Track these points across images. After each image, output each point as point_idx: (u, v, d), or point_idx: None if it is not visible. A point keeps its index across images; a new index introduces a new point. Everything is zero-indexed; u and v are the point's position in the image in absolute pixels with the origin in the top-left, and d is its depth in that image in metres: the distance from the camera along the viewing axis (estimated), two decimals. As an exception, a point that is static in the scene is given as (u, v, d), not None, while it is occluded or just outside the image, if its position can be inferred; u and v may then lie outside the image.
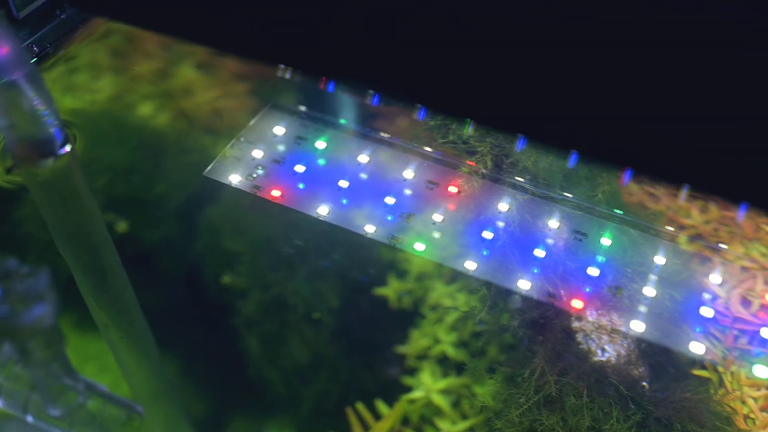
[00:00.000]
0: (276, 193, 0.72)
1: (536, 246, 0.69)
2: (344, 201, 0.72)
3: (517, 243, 0.69)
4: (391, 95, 0.68)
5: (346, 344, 0.94)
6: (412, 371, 0.91)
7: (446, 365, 0.88)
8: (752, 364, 0.84)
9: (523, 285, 0.68)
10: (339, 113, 0.77)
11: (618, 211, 0.72)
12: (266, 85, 0.86)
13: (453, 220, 0.70)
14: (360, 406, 0.89)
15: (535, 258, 0.68)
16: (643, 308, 0.69)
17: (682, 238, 0.79)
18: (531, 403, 0.76)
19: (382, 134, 0.75)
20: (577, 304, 0.67)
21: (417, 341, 0.90)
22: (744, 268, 0.90)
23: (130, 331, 0.69)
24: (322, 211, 0.71)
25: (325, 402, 0.90)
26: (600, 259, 0.71)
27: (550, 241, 0.70)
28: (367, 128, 0.76)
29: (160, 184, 0.85)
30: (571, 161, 0.68)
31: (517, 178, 0.75)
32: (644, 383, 0.81)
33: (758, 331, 0.85)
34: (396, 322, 0.90)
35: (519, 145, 0.69)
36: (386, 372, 0.90)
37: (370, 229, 0.70)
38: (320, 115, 0.77)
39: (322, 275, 0.90)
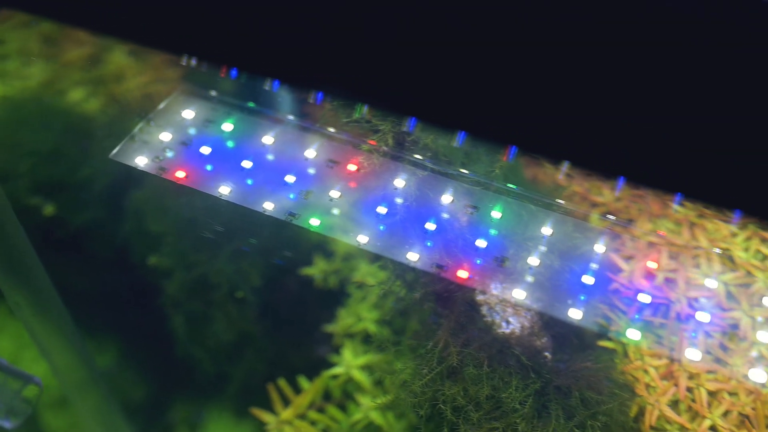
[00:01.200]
0: (181, 174, 0.75)
1: (429, 220, 0.72)
2: (249, 181, 0.75)
3: (412, 218, 0.72)
4: (290, 83, 0.71)
5: (274, 323, 0.97)
6: (339, 349, 0.95)
7: (370, 342, 0.92)
8: (654, 334, 0.87)
9: (413, 257, 0.71)
10: (248, 98, 0.80)
11: (512, 186, 0.74)
12: (198, 70, 0.89)
13: (350, 197, 0.73)
14: (282, 383, 0.92)
15: (427, 231, 0.71)
16: (531, 279, 0.72)
17: (577, 210, 0.82)
18: (434, 374, 0.79)
19: (288, 116, 0.78)
20: (462, 274, 0.69)
21: (343, 320, 0.93)
22: (650, 244, 0.93)
23: (44, 312, 0.72)
24: (224, 190, 0.74)
25: (253, 380, 0.94)
26: (492, 232, 0.73)
27: (445, 215, 0.73)
28: (274, 111, 0.79)
29: (85, 168, 0.89)
30: (460, 140, 0.70)
31: (417, 155, 0.78)
32: (546, 354, 0.84)
33: (660, 303, 0.88)
34: (323, 301, 0.94)
35: (410, 126, 0.72)
36: (313, 350, 0.94)
37: (269, 206, 0.73)
38: (230, 99, 0.80)
39: (245, 256, 0.93)
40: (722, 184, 0.54)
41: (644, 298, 0.86)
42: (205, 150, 0.76)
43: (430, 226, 0.71)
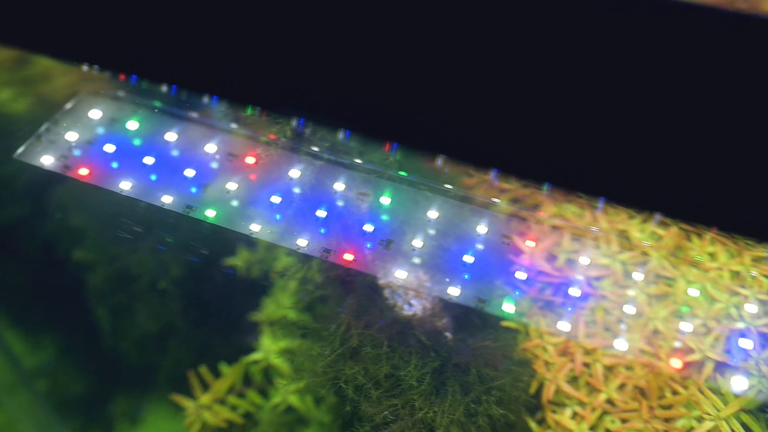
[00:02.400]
0: (84, 172, 0.79)
1: (322, 207, 0.76)
2: (153, 177, 0.78)
3: (306, 206, 0.76)
4: (188, 88, 0.75)
5: (199, 313, 1.01)
6: (263, 336, 0.98)
7: (291, 328, 0.96)
8: (554, 312, 0.91)
9: (303, 243, 0.75)
10: (154, 97, 0.83)
11: (403, 174, 0.78)
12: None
13: (247, 188, 0.77)
14: (203, 370, 0.96)
15: (318, 218, 0.75)
16: (418, 260, 0.76)
17: (480, 197, 0.86)
18: (335, 355, 0.83)
19: (192, 114, 0.82)
20: (348, 257, 0.73)
21: (266, 308, 0.97)
22: (554, 227, 0.97)
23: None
24: (126, 186, 0.78)
25: (180, 369, 0.97)
26: (384, 217, 0.78)
27: (340, 202, 0.77)
28: (179, 109, 0.83)
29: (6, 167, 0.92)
30: (346, 136, 0.74)
31: (314, 147, 0.82)
32: (447, 334, 0.88)
33: (560, 284, 0.92)
34: (248, 291, 0.97)
35: (299, 126, 0.76)
36: (238, 338, 0.98)
37: (167, 199, 0.77)
38: (136, 99, 0.84)
39: (168, 247, 0.96)
40: (617, 181, 0.58)
41: (544, 278, 0.91)
42: (110, 148, 0.80)
43: (322, 213, 0.75)
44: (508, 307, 0.74)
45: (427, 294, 0.80)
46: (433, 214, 0.76)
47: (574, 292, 0.90)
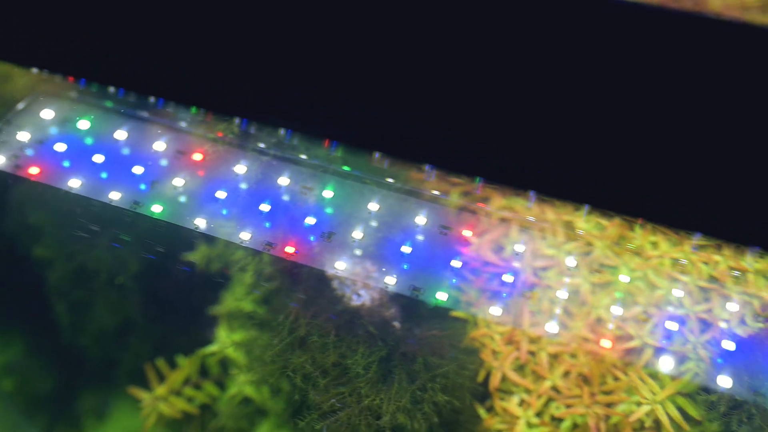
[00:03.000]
0: (35, 170, 0.81)
1: (265, 201, 0.79)
2: (104, 175, 0.81)
3: (250, 200, 0.78)
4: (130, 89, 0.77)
5: (159, 308, 1.03)
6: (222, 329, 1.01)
7: (245, 320, 0.98)
8: (501, 302, 0.94)
9: (246, 237, 0.77)
10: (106, 97, 0.86)
11: (346, 168, 0.81)
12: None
13: (195, 184, 0.80)
14: (160, 362, 0.98)
15: (262, 212, 0.78)
16: (360, 251, 0.79)
17: (428, 190, 0.88)
18: (283, 344, 0.85)
19: (141, 113, 0.84)
20: (289, 249, 0.76)
21: (225, 301, 1.00)
22: (503, 219, 1.00)
23: None
24: (75, 184, 0.80)
25: (139, 363, 1.00)
26: (328, 210, 0.80)
27: (285, 197, 0.80)
28: (129, 108, 0.85)
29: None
30: (288, 135, 0.77)
31: (261, 144, 0.84)
32: (396, 323, 0.91)
33: (507, 274, 0.95)
34: (207, 285, 1.00)
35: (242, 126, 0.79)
36: (197, 332, 1.00)
37: (115, 196, 0.79)
38: (88, 99, 0.86)
39: (126, 245, 0.99)
40: (559, 177, 0.60)
41: (491, 269, 0.93)
42: (61, 147, 0.82)
43: (266, 207, 0.77)
44: (442, 296, 0.77)
45: (365, 283, 0.82)
46: (374, 206, 0.78)
47: (521, 282, 0.92)
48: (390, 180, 0.80)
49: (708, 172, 0.58)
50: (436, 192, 0.81)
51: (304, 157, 0.82)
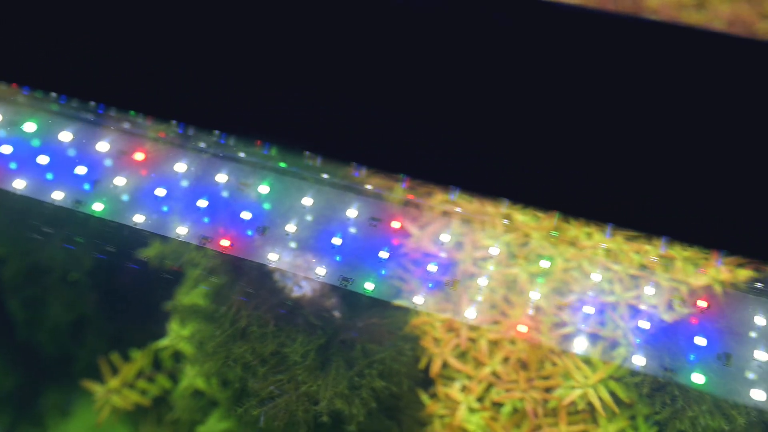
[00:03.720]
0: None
1: (203, 197, 0.82)
2: (49, 176, 0.84)
3: (188, 197, 0.82)
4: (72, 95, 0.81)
5: (114, 304, 1.07)
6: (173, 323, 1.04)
7: (194, 313, 1.01)
8: (442, 291, 0.97)
9: (183, 231, 0.81)
10: (50, 100, 0.89)
11: (283, 165, 0.85)
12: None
13: (136, 183, 0.83)
14: (114, 356, 1.02)
15: (200, 208, 0.81)
16: (294, 245, 0.82)
17: (369, 185, 0.92)
18: (225, 335, 0.88)
19: (86, 115, 0.88)
20: (225, 243, 0.79)
21: (178, 296, 1.03)
22: (445, 213, 1.04)
23: None
24: (20, 185, 0.84)
25: (95, 358, 1.03)
26: (266, 205, 0.84)
27: (224, 193, 0.83)
28: (73, 110, 0.89)
29: None
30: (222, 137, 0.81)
31: (202, 142, 0.88)
32: (336, 313, 0.94)
33: (447, 264, 0.98)
34: (161, 281, 1.03)
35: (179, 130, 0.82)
36: (148, 326, 1.03)
37: (58, 196, 0.83)
38: (33, 102, 0.90)
39: (82, 243, 1.02)
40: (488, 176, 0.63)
41: (433, 259, 0.97)
42: (7, 149, 0.86)
43: (204, 203, 0.81)
44: (370, 286, 0.80)
45: (296, 274, 0.86)
46: (308, 201, 0.82)
47: (461, 271, 0.96)
48: (325, 175, 0.84)
49: (633, 167, 0.61)
50: (369, 186, 0.84)
51: (242, 155, 0.86)
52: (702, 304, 0.84)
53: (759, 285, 0.84)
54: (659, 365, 0.80)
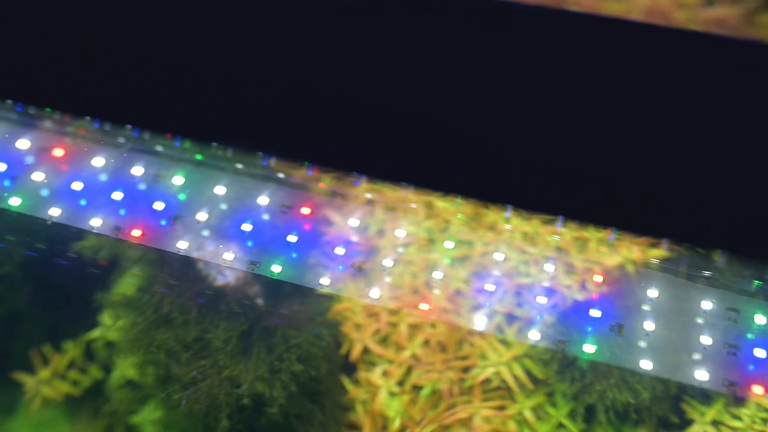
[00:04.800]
0: None
1: (118, 190, 0.85)
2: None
3: (104, 190, 0.84)
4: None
5: (46, 296, 1.09)
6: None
7: (123, 304, 1.03)
8: (365, 278, 1.00)
9: (97, 223, 0.84)
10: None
11: (199, 157, 0.87)
12: None
13: (55, 178, 0.86)
14: (46, 348, 1.04)
15: (115, 201, 0.84)
16: (207, 233, 0.85)
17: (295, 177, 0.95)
18: (147, 322, 0.91)
19: (7, 114, 0.90)
20: (136, 233, 0.82)
21: (113, 287, 1.05)
22: (370, 201, 1.07)
23: None
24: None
25: (28, 351, 1.05)
26: (181, 196, 0.86)
27: (142, 185, 0.86)
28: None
29: None
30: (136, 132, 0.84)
31: (121, 137, 0.90)
32: (259, 300, 0.97)
33: (370, 251, 1.01)
34: (91, 273, 1.05)
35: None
36: (81, 318, 1.06)
37: (-24, 192, 0.85)
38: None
39: (14, 239, 1.04)
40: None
41: (355, 247, 1.00)
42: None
43: (119, 195, 0.83)
44: (276, 268, 0.83)
45: (206, 261, 0.88)
46: (221, 190, 0.85)
47: (383, 258, 0.99)
48: (239, 165, 0.87)
49: (551, 153, 0.64)
50: (281, 175, 0.87)
51: (160, 148, 0.88)
52: (598, 279, 0.88)
53: (655, 261, 0.88)
54: (555, 338, 0.83)
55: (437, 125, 0.66)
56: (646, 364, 0.80)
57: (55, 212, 0.83)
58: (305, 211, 0.87)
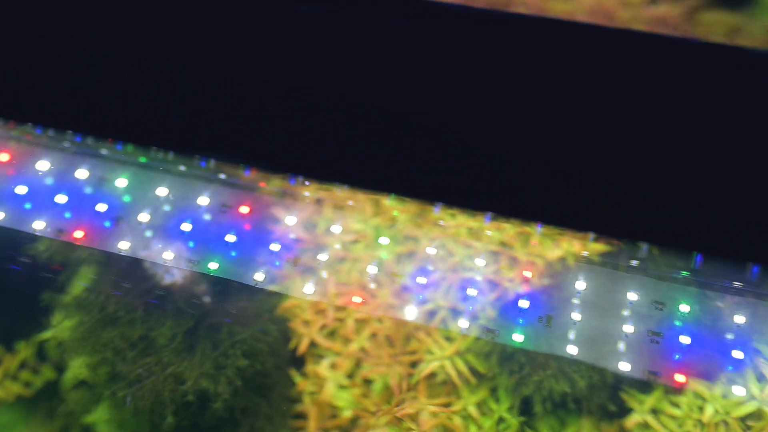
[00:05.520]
0: None
1: (62, 192, 0.87)
2: None
3: (49, 193, 0.86)
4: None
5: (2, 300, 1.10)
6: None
7: (77, 305, 1.04)
8: (312, 274, 1.02)
9: (40, 226, 0.85)
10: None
11: (143, 159, 0.89)
12: None
13: (-1, 182, 0.88)
14: (-1, 347, 1.05)
15: (58, 203, 0.85)
16: (149, 233, 0.87)
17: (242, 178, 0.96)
18: (93, 321, 0.92)
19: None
20: (78, 234, 0.84)
21: (58, 288, 1.07)
22: (318, 200, 1.09)
23: None
24: None
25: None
26: (126, 198, 0.88)
27: (87, 189, 0.88)
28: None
29: None
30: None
31: (66, 142, 0.92)
32: (206, 298, 0.98)
33: (315, 249, 1.03)
34: (44, 274, 1.06)
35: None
36: (33, 319, 1.07)
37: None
38: None
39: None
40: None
41: (303, 245, 1.02)
42: None
43: (63, 198, 0.85)
44: (213, 265, 0.85)
45: (151, 260, 0.90)
46: (163, 191, 0.86)
47: (328, 255, 1.00)
48: (182, 168, 0.89)
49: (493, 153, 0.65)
50: (222, 176, 0.89)
51: (104, 151, 0.90)
52: (529, 274, 0.90)
53: (586, 254, 0.90)
54: (486, 328, 0.85)
55: (379, 125, 0.67)
56: (572, 352, 0.82)
57: None
58: (245, 210, 0.89)
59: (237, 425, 0.95)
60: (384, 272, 1.02)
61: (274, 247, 0.90)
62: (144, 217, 0.85)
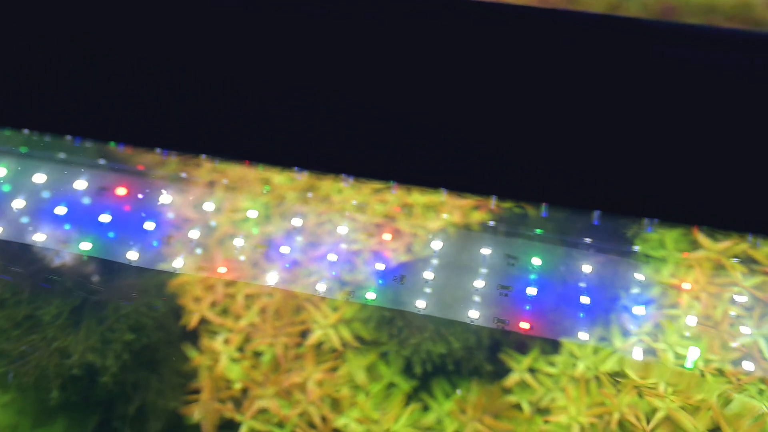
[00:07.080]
0: None
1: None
2: None
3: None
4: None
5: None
6: None
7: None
8: (203, 252, 1.04)
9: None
10: None
11: (23, 149, 0.91)
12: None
13: None
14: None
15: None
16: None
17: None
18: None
19: None
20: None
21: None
22: (210, 182, 1.11)
23: None
24: None
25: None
26: (5, 188, 0.90)
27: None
28: None
29: None
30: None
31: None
32: (94, 277, 1.00)
33: (207, 227, 1.05)
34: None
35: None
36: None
37: None
38: None
39: None
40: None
41: (191, 224, 1.04)
42: None
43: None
44: (86, 246, 0.87)
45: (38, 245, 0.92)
46: (41, 178, 0.89)
47: (218, 233, 1.03)
48: (61, 155, 0.91)
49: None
50: (102, 161, 0.92)
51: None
52: (388, 237, 0.93)
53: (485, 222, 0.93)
54: (342, 287, 0.89)
55: (269, 99, 0.70)
56: (421, 306, 0.86)
57: None
58: (122, 191, 0.91)
59: (129, 400, 0.97)
60: (272, 247, 1.04)
61: (149, 225, 0.93)
62: (18, 203, 0.87)
